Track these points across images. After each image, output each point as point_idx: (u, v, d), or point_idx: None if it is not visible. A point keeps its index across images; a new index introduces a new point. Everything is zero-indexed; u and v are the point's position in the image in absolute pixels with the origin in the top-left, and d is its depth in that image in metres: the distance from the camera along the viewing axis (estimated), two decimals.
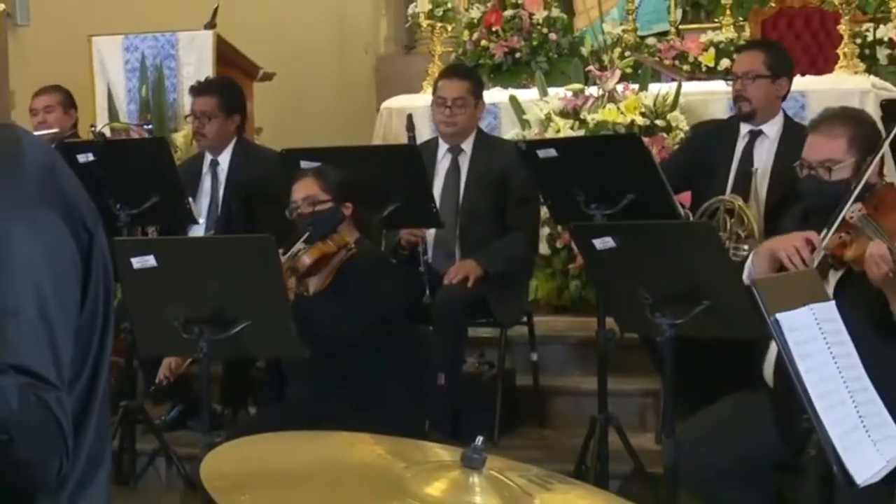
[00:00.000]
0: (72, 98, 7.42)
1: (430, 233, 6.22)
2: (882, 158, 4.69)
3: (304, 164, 5.56)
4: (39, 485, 2.12)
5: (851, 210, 4.44)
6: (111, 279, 2.24)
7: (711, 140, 6.52)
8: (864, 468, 3.34)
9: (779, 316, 3.25)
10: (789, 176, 5.31)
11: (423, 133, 6.73)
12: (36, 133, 6.94)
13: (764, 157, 6.27)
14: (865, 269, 4.35)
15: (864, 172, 4.56)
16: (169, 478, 5.98)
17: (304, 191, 5.20)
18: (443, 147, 6.47)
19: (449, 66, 7.26)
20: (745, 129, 6.33)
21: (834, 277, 4.47)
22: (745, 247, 5.77)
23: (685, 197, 6.12)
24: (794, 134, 5.95)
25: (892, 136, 4.72)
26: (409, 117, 6.82)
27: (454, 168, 6.47)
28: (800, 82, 6.81)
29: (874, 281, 4.33)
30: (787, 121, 6.33)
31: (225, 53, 7.95)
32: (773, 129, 6.30)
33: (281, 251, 4.92)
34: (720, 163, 6.32)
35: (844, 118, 4.85)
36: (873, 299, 4.40)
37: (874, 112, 6.03)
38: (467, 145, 6.53)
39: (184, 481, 5.71)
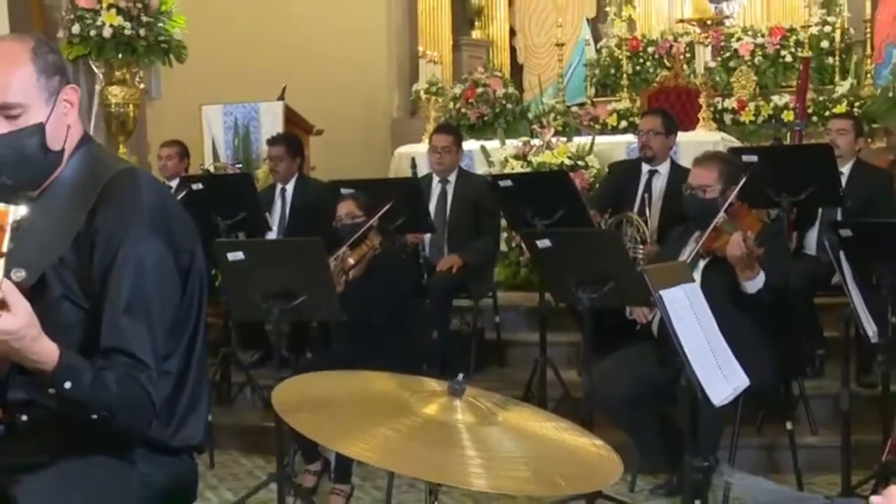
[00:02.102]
0: (186, 149, 7.39)
1: (427, 236, 6.21)
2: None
3: (343, 190, 5.54)
4: (134, 434, 2.10)
5: (719, 218, 4.45)
6: (205, 279, 2.24)
7: (624, 176, 6.48)
8: (719, 393, 3.32)
9: (661, 292, 3.24)
10: (675, 201, 5.31)
11: (423, 169, 6.73)
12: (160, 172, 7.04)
13: (659, 187, 6.26)
14: (727, 253, 4.36)
15: (728, 195, 4.58)
16: (253, 400, 5.97)
17: (345, 209, 5.20)
18: (435, 179, 6.45)
19: (439, 125, 7.24)
20: (646, 168, 6.31)
21: (703, 263, 4.48)
22: (641, 247, 5.83)
23: None
24: (677, 172, 5.99)
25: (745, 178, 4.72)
26: (413, 160, 6.87)
27: (443, 193, 6.46)
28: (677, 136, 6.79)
29: (732, 259, 4.35)
30: (673, 163, 6.33)
31: (290, 116, 7.93)
32: (665, 168, 6.30)
33: (334, 255, 4.94)
34: (631, 191, 6.30)
35: (717, 158, 4.88)
36: (727, 276, 4.39)
37: None
38: (452, 178, 6.51)
39: (262, 403, 5.69)
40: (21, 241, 1.71)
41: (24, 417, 2.08)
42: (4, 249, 1.69)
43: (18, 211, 1.69)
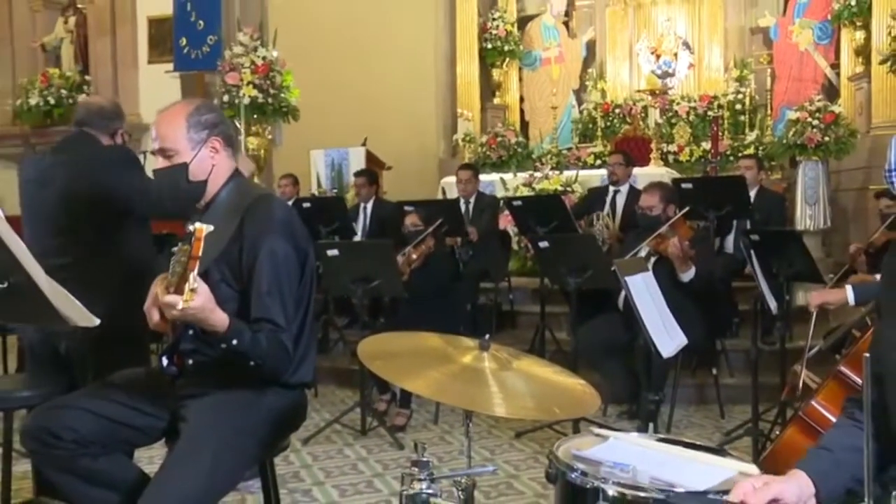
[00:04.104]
0: (297, 179, 7.40)
1: (459, 239, 6.15)
2: (676, 207, 4.65)
3: (406, 208, 5.53)
4: (275, 377, 2.12)
5: (662, 229, 4.40)
6: (314, 270, 2.24)
7: (596, 195, 6.51)
8: (666, 348, 3.28)
9: (627, 278, 3.20)
10: (630, 211, 5.46)
11: (451, 194, 6.76)
12: (279, 195, 7.07)
13: (621, 202, 6.26)
14: (668, 252, 4.31)
15: (668, 214, 4.55)
16: (344, 351, 5.97)
17: (410, 220, 5.17)
18: (463, 200, 6.41)
19: (462, 165, 7.20)
20: (612, 189, 6.30)
21: (652, 261, 4.41)
22: (607, 230, 6.10)
23: None
24: (634, 192, 5.97)
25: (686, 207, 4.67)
26: (443, 188, 7.22)
27: (467, 209, 6.43)
28: (635, 170, 6.73)
29: (670, 255, 4.30)
30: (631, 187, 6.30)
31: (369, 157, 7.95)
32: (624, 189, 6.30)
33: (402, 252, 4.93)
34: (601, 204, 6.34)
35: (657, 186, 4.82)
36: (669, 268, 4.34)
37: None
38: (472, 199, 6.51)
39: (350, 353, 5.68)
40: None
41: (191, 362, 2.11)
42: (200, 254, 1.75)
43: (208, 228, 1.75)
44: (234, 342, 1.95)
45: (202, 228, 1.74)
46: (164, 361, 2.12)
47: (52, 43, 9.22)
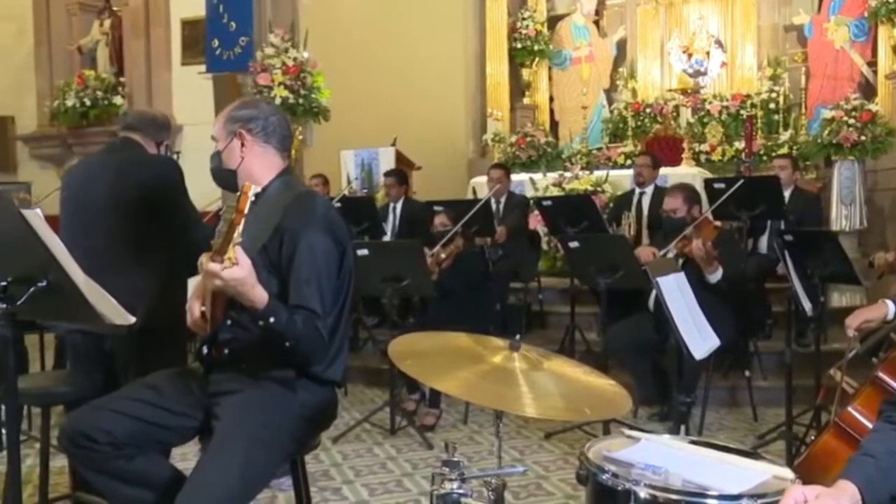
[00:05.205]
0: (327, 179, 7.37)
1: (488, 239, 6.13)
2: (700, 208, 4.63)
3: (435, 208, 5.53)
4: (309, 363, 2.13)
5: (687, 230, 4.36)
6: (353, 268, 2.27)
7: (625, 197, 6.50)
8: (698, 350, 3.24)
9: (658, 279, 3.17)
10: (654, 211, 5.45)
11: (481, 194, 6.74)
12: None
13: (647, 203, 6.22)
14: (693, 254, 4.27)
15: (693, 215, 4.53)
16: (374, 351, 5.98)
17: (440, 220, 5.19)
18: (493, 200, 6.34)
19: (494, 164, 7.19)
20: (638, 190, 6.26)
21: (679, 263, 4.38)
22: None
23: None
24: (659, 193, 5.92)
25: (720, 201, 4.63)
26: (473, 188, 7.15)
27: (498, 209, 6.40)
28: (664, 170, 6.69)
29: (695, 257, 4.27)
30: (657, 187, 6.26)
31: (399, 157, 7.94)
32: (650, 190, 6.27)
33: (431, 252, 4.93)
34: (629, 205, 6.33)
35: (679, 188, 4.80)
36: (697, 270, 4.29)
37: (701, 185, 5.88)
38: (503, 199, 6.47)
39: (379, 352, 5.69)
40: (243, 231, 1.86)
41: (227, 351, 2.17)
42: (245, 209, 1.82)
43: (256, 188, 1.89)
44: (272, 319, 1.98)
45: (249, 185, 1.85)
46: (204, 350, 2.18)
47: (89, 45, 9.37)
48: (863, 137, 6.50)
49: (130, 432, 2.09)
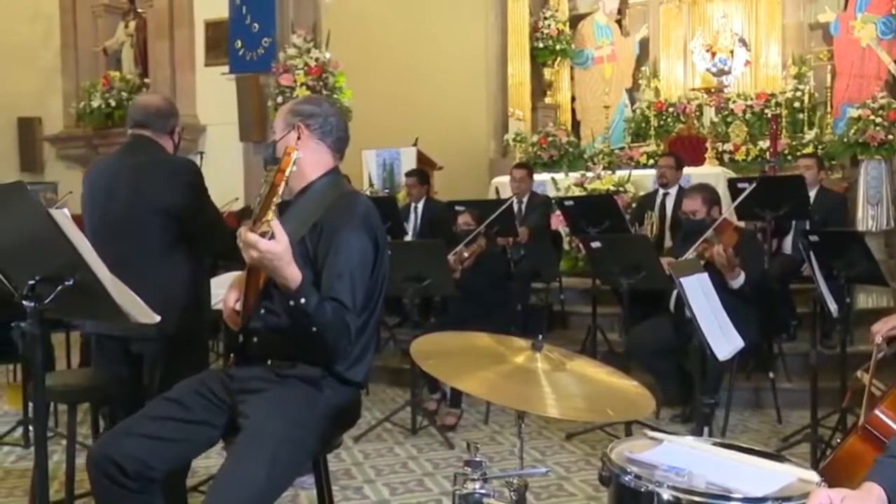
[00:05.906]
0: (349, 179, 7.40)
1: (510, 239, 6.11)
2: (720, 208, 4.59)
3: (457, 208, 5.54)
4: (333, 355, 2.13)
5: (707, 234, 4.33)
6: (387, 271, 2.29)
7: (648, 198, 6.48)
8: (722, 351, 3.22)
9: (681, 279, 3.15)
10: (678, 212, 5.30)
11: (504, 194, 6.74)
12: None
13: (670, 204, 6.17)
14: (714, 260, 4.23)
15: (713, 216, 4.49)
16: (395, 350, 5.99)
17: (463, 219, 5.20)
18: (515, 200, 6.33)
19: (517, 163, 7.16)
20: (662, 191, 6.22)
21: (701, 264, 4.36)
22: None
23: None
24: (682, 194, 5.82)
25: (738, 200, 4.58)
26: (497, 188, 7.12)
27: (520, 209, 6.38)
28: (687, 170, 6.65)
29: (717, 264, 4.22)
30: (680, 188, 6.21)
31: (420, 157, 7.95)
32: (674, 191, 6.22)
33: (453, 251, 4.93)
34: (652, 206, 6.30)
35: (698, 188, 4.74)
36: (718, 272, 4.23)
37: (724, 185, 5.84)
38: (525, 198, 6.45)
39: (401, 352, 5.72)
40: (285, 221, 1.89)
41: (255, 339, 2.21)
42: (287, 169, 1.80)
43: (299, 154, 1.88)
44: (303, 300, 1.97)
45: (294, 147, 1.85)
46: (241, 338, 2.23)
47: (114, 47, 9.47)
48: (890, 136, 6.43)
49: (160, 457, 2.09)
